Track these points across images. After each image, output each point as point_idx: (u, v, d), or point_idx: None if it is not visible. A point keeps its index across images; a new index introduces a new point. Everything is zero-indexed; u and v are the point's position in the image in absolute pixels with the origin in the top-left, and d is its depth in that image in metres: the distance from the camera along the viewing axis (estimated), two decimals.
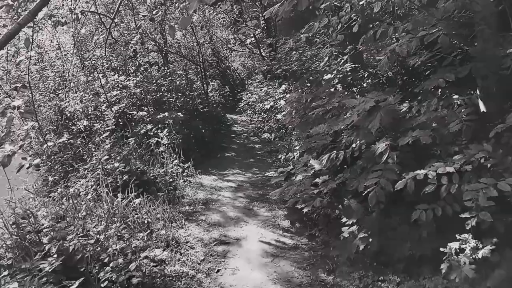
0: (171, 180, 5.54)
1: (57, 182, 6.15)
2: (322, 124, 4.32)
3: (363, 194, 2.99)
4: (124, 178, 4.88)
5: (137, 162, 5.52)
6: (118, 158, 5.42)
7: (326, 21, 3.33)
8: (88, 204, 4.40)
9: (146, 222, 4.13)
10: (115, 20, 4.72)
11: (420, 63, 5.66)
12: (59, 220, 3.56)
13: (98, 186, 4.94)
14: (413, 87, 5.70)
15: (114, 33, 7.64)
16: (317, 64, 7.47)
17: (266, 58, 11.24)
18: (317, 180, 3.49)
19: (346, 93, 5.12)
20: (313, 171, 3.67)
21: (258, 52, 12.85)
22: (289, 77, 8.64)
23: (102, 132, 5.68)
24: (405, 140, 2.93)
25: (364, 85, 6.03)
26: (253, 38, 12.49)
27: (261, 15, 10.82)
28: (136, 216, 4.12)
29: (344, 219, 3.56)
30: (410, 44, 2.66)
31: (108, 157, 5.19)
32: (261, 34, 11.73)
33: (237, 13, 9.39)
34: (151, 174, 5.38)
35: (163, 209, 4.43)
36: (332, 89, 5.40)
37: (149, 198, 4.66)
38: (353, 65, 5.87)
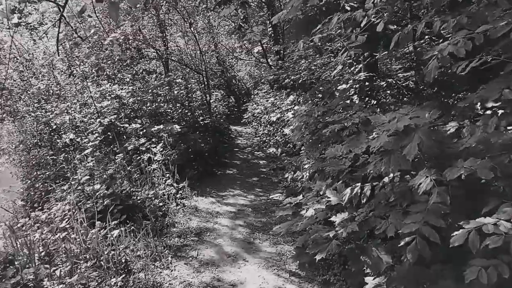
0: (161, 204, 4.83)
1: (36, 203, 5.52)
2: (339, 144, 3.61)
3: (399, 246, 2.24)
4: (105, 202, 4.20)
5: (123, 183, 4.84)
6: (103, 177, 4.75)
7: (346, 16, 2.64)
8: (59, 236, 3.73)
9: (124, 260, 3.42)
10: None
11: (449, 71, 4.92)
12: (7, 266, 2.86)
13: (76, 212, 4.27)
14: (436, 98, 5.02)
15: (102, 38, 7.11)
16: (328, 74, 6.86)
17: (273, 67, 10.66)
18: (333, 218, 2.74)
19: (364, 106, 4.41)
20: (328, 203, 2.93)
21: (265, 61, 12.27)
22: (298, 87, 8.06)
23: (84, 148, 5.04)
24: (454, 173, 2.18)
25: (385, 97, 5.35)
26: (260, 48, 11.93)
27: (268, 21, 10.27)
28: (112, 253, 3.41)
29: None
30: (468, 42, 1.95)
31: (89, 177, 4.52)
32: (268, 42, 11.18)
33: (242, 17, 8.81)
34: (138, 197, 4.68)
35: (146, 243, 3.71)
36: (348, 101, 4.71)
37: (132, 228, 3.96)
38: (369, 74, 5.18)
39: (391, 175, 2.41)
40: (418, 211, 2.32)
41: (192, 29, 8.57)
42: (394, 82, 6.13)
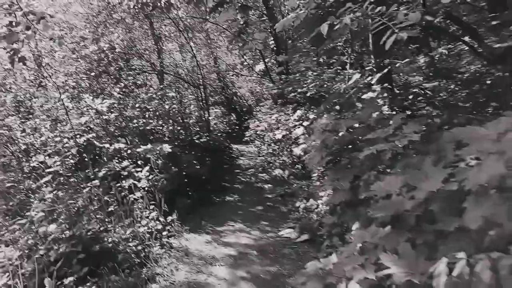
0: (140, 247, 3.75)
1: None
2: (372, 170, 2.61)
3: None
4: (61, 249, 3.13)
5: (92, 219, 3.79)
6: (67, 213, 3.71)
7: None
8: None
9: None
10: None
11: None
12: None
13: (26, 260, 3.22)
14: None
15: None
16: (338, 87, 6.01)
17: (276, 83, 9.90)
18: None
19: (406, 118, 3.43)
20: (388, 279, 1.86)
21: (268, 78, 11.50)
22: (306, 101, 7.21)
23: (45, 174, 4.03)
24: None
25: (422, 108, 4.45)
26: (262, 66, 11.22)
27: (270, 31, 9.51)
28: None
29: None
30: None
31: (44, 214, 3.48)
32: (269, 60, 10.46)
33: (242, 23, 8.00)
34: (110, 239, 3.61)
35: None
36: (376, 114, 3.72)
37: (95, 286, 2.89)
38: (384, 86, 4.29)
39: None
40: None
41: (187, 37, 7.75)
42: (423, 92, 5.28)
